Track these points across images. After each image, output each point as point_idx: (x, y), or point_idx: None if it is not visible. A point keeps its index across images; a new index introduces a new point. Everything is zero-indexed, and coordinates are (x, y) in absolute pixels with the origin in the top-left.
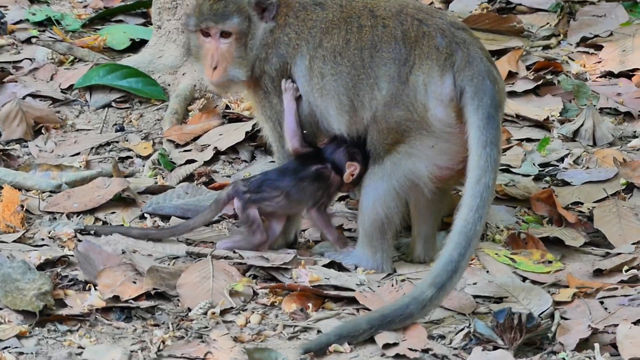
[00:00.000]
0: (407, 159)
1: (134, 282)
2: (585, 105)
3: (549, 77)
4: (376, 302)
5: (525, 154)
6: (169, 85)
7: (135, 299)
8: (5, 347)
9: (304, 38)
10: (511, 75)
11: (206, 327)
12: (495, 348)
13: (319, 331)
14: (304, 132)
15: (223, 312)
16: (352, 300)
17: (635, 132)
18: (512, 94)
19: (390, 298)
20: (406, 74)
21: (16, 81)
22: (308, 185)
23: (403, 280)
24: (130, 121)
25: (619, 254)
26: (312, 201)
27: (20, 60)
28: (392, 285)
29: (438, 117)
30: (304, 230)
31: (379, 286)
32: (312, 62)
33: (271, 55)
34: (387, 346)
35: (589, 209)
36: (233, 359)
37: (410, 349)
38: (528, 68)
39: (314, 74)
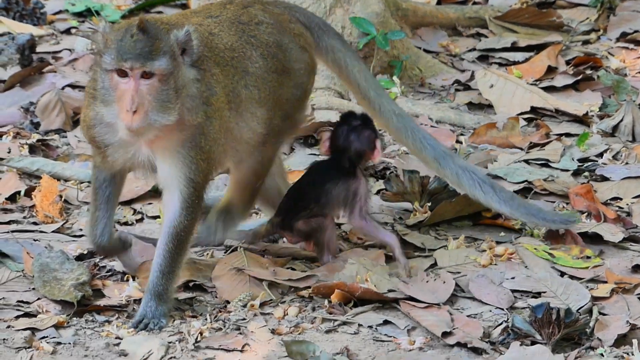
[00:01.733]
0: None
1: None
2: (625, 100)
3: (588, 72)
4: (419, 292)
5: (564, 149)
6: None
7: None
8: (43, 337)
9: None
10: (551, 70)
11: (244, 319)
12: (533, 343)
13: (359, 325)
14: None
15: (261, 305)
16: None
17: None
18: (552, 89)
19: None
20: None
21: (55, 71)
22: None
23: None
24: None
25: None
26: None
27: (60, 51)
28: (427, 275)
29: None
30: None
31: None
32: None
33: (198, 108)
34: (445, 335)
35: (627, 204)
36: (270, 351)
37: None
38: (567, 63)
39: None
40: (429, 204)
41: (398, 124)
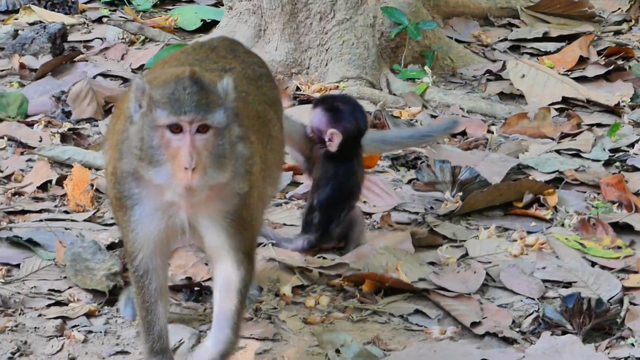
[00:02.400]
0: None
1: (206, 264)
2: None
3: (620, 62)
4: (450, 282)
5: (595, 139)
6: None
7: (207, 280)
8: (75, 326)
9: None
10: (582, 60)
11: (275, 308)
12: (564, 333)
13: (390, 314)
14: None
15: (293, 294)
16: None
17: None
18: (583, 79)
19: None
20: None
21: (87, 60)
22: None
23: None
24: None
25: None
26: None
27: (91, 40)
28: (459, 265)
29: None
30: None
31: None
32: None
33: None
34: (474, 325)
35: None
36: (301, 340)
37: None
38: (599, 53)
39: None
40: (460, 194)
41: None
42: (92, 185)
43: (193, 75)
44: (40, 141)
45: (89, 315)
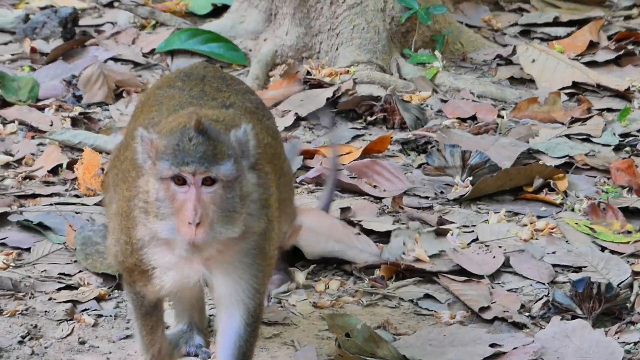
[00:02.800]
0: None
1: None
2: None
3: (630, 47)
4: (467, 262)
5: (605, 124)
6: (251, 50)
7: None
8: (85, 310)
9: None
10: (592, 45)
11: (285, 292)
12: (573, 317)
13: (400, 299)
14: None
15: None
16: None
17: None
18: (593, 64)
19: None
20: None
21: (98, 45)
22: None
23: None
24: None
25: None
26: None
27: (102, 24)
28: (479, 248)
29: None
30: None
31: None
32: None
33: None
34: (482, 309)
35: None
36: (311, 324)
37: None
38: (609, 38)
39: None
40: (470, 178)
41: None
42: (102, 169)
43: (198, 125)
44: (51, 125)
45: (99, 299)
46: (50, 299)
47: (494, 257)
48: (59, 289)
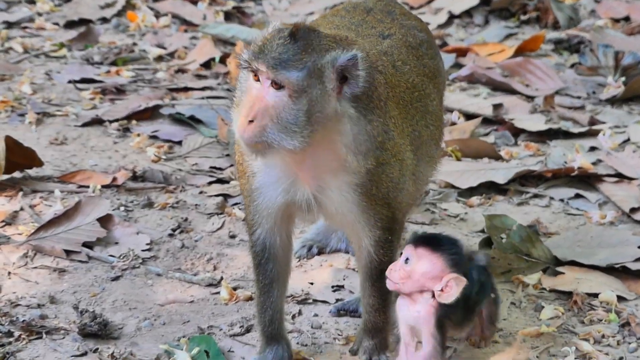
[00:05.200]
0: None
1: None
2: None
3: None
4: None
5: None
6: None
7: None
8: (235, 204)
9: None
10: None
11: (432, 192)
12: None
13: (550, 198)
14: None
15: None
16: None
17: None
18: None
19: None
20: None
21: None
22: None
23: None
24: None
25: None
26: None
27: None
28: (633, 151)
29: None
30: None
31: None
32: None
33: (368, 153)
34: (633, 210)
35: None
36: (457, 222)
37: None
38: None
39: None
40: (623, 79)
41: None
42: None
43: (295, 30)
44: (204, 19)
45: None
46: (201, 192)
47: None
48: (210, 183)
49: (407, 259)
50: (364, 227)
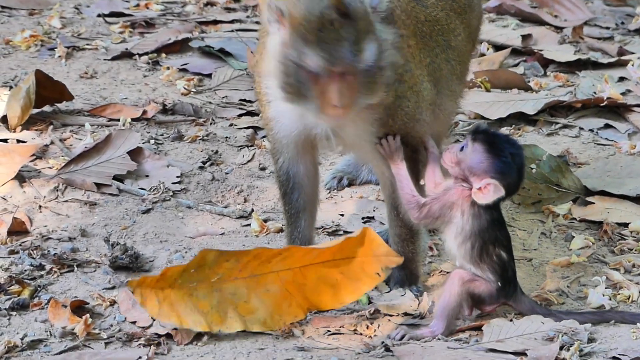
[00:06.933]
0: None
1: None
2: None
3: None
4: None
5: None
6: None
7: None
8: (264, 136)
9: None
10: None
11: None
12: None
13: (580, 128)
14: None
15: None
16: None
17: None
18: None
19: None
20: None
21: None
22: None
23: None
24: None
25: None
26: None
27: None
28: None
29: None
30: None
31: None
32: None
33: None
34: None
35: None
36: None
37: None
38: None
39: None
40: None
41: None
42: None
43: (339, 5)
44: None
45: None
46: (231, 125)
47: None
48: (240, 115)
49: (462, 147)
50: (379, 165)
